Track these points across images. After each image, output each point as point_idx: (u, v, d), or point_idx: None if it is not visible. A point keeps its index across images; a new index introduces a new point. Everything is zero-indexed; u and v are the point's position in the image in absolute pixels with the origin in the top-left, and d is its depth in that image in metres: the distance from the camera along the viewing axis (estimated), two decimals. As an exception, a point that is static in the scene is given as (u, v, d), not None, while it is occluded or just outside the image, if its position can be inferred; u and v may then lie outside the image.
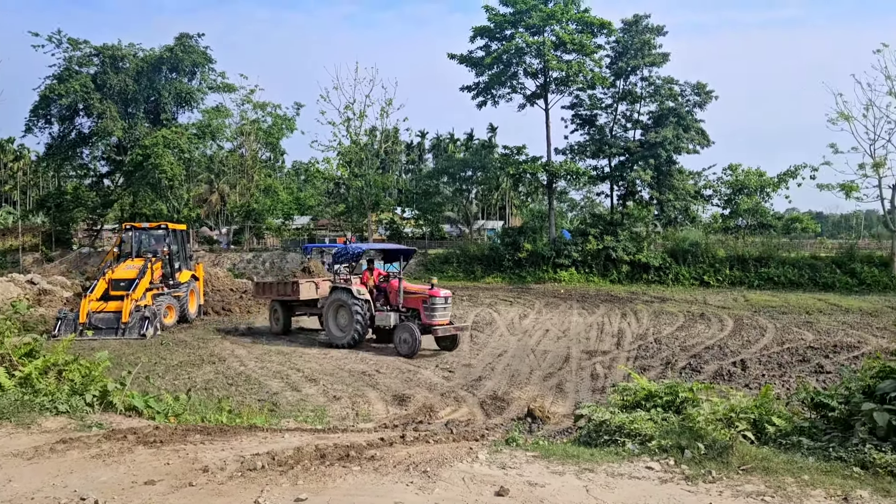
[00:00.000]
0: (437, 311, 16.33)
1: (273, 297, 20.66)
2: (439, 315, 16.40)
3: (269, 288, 21.18)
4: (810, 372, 14.69)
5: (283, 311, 20.38)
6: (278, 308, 20.43)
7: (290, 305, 20.35)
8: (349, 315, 17.32)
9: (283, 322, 20.38)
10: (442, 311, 16.46)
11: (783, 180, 43.01)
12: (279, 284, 20.79)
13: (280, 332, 20.23)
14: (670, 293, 33.31)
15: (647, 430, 6.01)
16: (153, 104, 43.77)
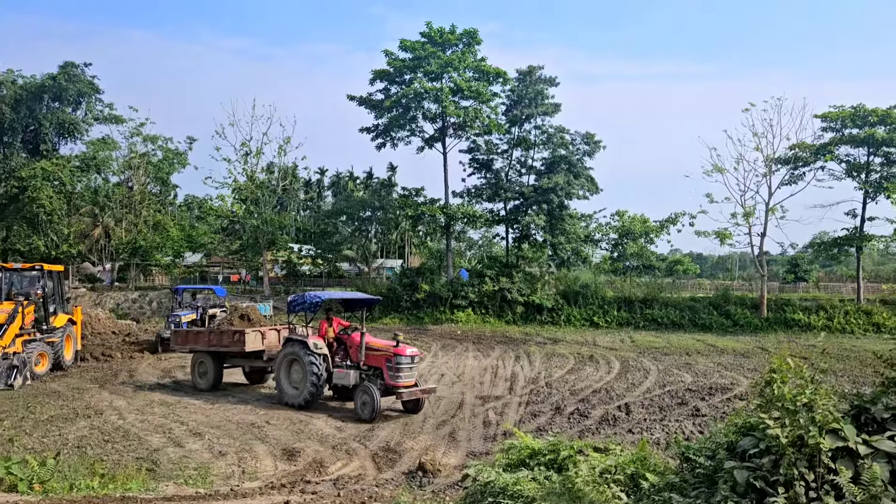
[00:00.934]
0: (403, 371, 14.85)
1: (200, 348, 18.35)
2: (405, 376, 14.90)
3: (196, 337, 18.83)
4: (688, 415, 15.52)
5: (214, 364, 18.09)
6: (207, 360, 18.20)
7: (221, 357, 18.20)
8: (303, 371, 15.58)
9: (214, 376, 18.08)
10: (408, 371, 15.00)
11: (665, 226, 45.75)
12: (213, 333, 18.52)
13: (208, 388, 17.96)
14: (562, 334, 34.37)
15: (529, 492, 6.17)
16: (32, 133, 41.32)
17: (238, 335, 17.46)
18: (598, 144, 42.43)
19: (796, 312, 36.47)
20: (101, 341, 26.00)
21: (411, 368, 15.13)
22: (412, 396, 15.09)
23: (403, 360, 14.90)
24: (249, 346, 17.28)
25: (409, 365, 15.02)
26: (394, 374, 14.77)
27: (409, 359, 15.05)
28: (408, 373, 14.99)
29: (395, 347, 15.03)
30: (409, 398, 15.07)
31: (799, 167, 37.55)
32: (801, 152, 36.75)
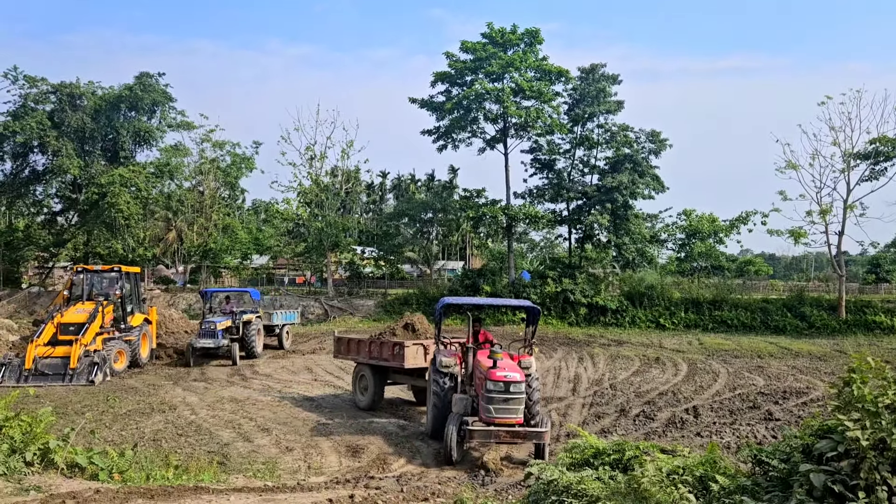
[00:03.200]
0: (495, 402, 10.91)
1: (361, 360, 16.14)
2: (498, 409, 10.92)
3: (358, 347, 16.45)
4: (760, 419, 14.99)
5: (374, 380, 15.65)
6: (367, 374, 15.83)
7: (383, 372, 15.75)
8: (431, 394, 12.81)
9: (374, 393, 15.67)
10: (503, 404, 10.93)
11: (735, 226, 44.33)
12: (374, 344, 15.88)
13: (366, 406, 15.72)
14: (627, 336, 33.75)
15: (593, 491, 6.07)
16: (111, 142, 43.23)
17: (397, 348, 14.97)
18: (664, 143, 41.46)
19: (878, 314, 34.74)
20: (175, 340, 26.93)
21: (511, 400, 10.96)
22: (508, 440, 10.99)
23: (495, 386, 10.94)
24: (409, 361, 14.63)
25: (503, 395, 10.93)
26: (486, 406, 10.95)
27: (504, 385, 10.91)
28: (504, 406, 10.94)
29: (491, 369, 11.15)
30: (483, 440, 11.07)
31: (880, 162, 35.72)
32: (883, 146, 34.96)
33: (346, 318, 40.16)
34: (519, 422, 11.13)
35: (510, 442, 11.22)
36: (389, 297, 43.33)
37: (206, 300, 25.84)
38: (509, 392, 11.03)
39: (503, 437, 10.95)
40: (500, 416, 11.04)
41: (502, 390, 11.03)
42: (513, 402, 11.12)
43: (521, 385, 11.15)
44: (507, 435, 10.92)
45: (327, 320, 39.50)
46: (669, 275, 45.27)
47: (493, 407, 11.04)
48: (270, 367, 22.27)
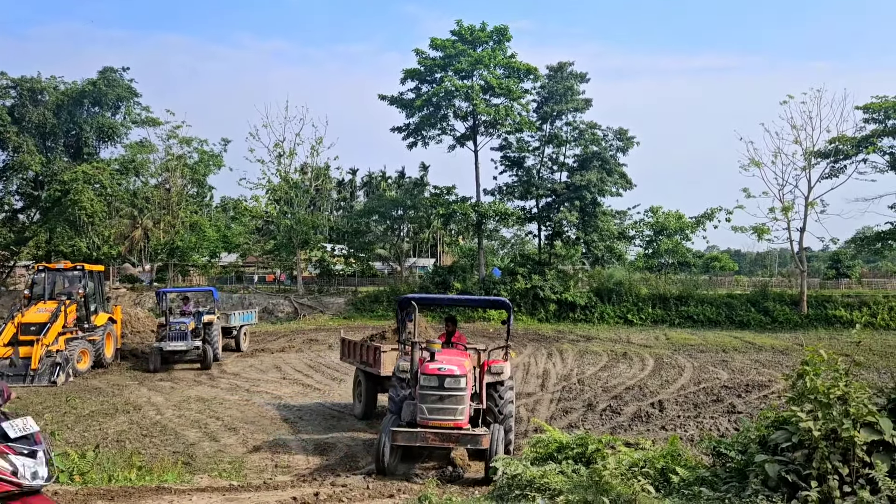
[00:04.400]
0: (428, 401, 9.55)
1: (357, 365, 14.88)
2: (432, 411, 9.53)
3: (353, 350, 15.26)
4: (723, 412, 15.26)
5: (367, 387, 14.27)
6: (362, 380, 14.48)
7: (375, 380, 14.10)
8: None
9: (366, 401, 14.29)
10: (437, 403, 9.53)
11: (700, 222, 45.04)
12: (363, 347, 14.73)
13: (361, 415, 14.31)
14: (596, 332, 34.11)
15: (556, 485, 6.16)
16: (74, 138, 42.43)
17: (375, 352, 13.69)
18: (632, 140, 41.98)
19: (838, 309, 35.63)
20: (141, 339, 26.55)
21: (444, 398, 9.52)
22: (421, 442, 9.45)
23: (426, 381, 9.62)
24: (386, 368, 13.12)
25: (437, 391, 9.53)
26: (418, 406, 9.66)
27: (438, 380, 9.52)
28: (437, 405, 9.53)
29: (426, 362, 9.82)
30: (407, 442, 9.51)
31: (840, 160, 36.60)
32: (842, 145, 35.82)
33: (317, 315, 39.95)
34: (459, 425, 9.47)
35: (440, 447, 9.66)
36: (360, 295, 43.19)
37: (160, 300, 24.57)
38: (444, 388, 9.51)
39: (431, 441, 9.38)
40: (434, 418, 9.49)
41: (435, 386, 9.53)
42: (449, 401, 9.54)
43: (459, 380, 9.54)
44: (436, 438, 9.34)
45: (297, 318, 39.25)
46: (637, 271, 45.83)
47: (426, 406, 9.54)
48: (238, 366, 22.08)
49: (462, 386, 9.65)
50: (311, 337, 30.66)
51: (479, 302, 15.52)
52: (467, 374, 9.82)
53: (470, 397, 9.99)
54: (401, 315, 12.29)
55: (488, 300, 14.93)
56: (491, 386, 10.83)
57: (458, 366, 9.77)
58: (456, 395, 9.60)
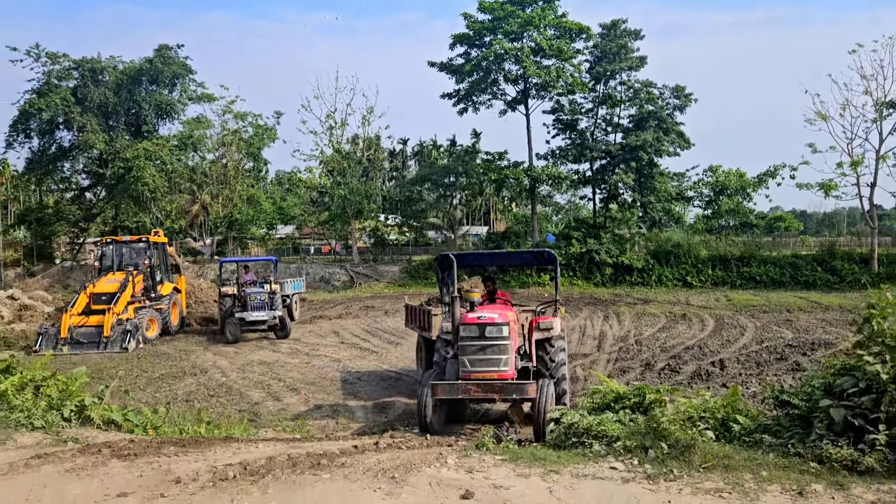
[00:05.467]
0: (470, 353, 9.17)
1: (416, 330, 14.55)
2: (475, 363, 9.11)
3: (413, 315, 14.79)
4: (787, 370, 14.87)
5: (426, 352, 13.62)
6: (422, 345, 14.12)
7: (430, 343, 13.22)
8: None
9: (426, 366, 13.27)
10: (479, 354, 9.11)
11: (763, 180, 43.46)
12: (417, 311, 14.36)
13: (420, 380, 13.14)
14: (653, 294, 33.57)
15: (613, 432, 6.14)
16: (134, 116, 43.59)
17: (427, 316, 13.29)
18: (689, 98, 40.64)
19: (911, 266, 34.11)
20: (205, 309, 27.47)
21: (486, 349, 9.09)
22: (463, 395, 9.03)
23: (467, 331, 9.23)
24: (436, 332, 12.17)
25: (478, 341, 9.13)
26: (460, 360, 9.31)
27: (479, 329, 9.10)
28: (479, 356, 9.10)
29: (466, 313, 9.65)
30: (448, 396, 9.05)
31: (914, 110, 34.70)
32: (917, 94, 33.91)
33: (372, 283, 40.49)
34: (504, 376, 8.96)
35: (483, 398, 9.15)
36: (414, 263, 43.52)
37: (222, 270, 24.93)
38: (485, 337, 9.05)
39: (473, 392, 8.90)
40: (477, 370, 8.99)
41: (476, 335, 9.07)
42: (491, 351, 9.04)
43: (502, 328, 9.02)
44: (478, 389, 8.84)
45: (353, 287, 39.86)
46: (697, 234, 44.69)
47: (467, 358, 9.12)
48: (298, 332, 22.59)
49: (505, 335, 9.05)
50: (368, 304, 31.11)
51: (521, 256, 13.97)
52: (510, 323, 9.24)
53: (517, 351, 9.50)
54: (441, 275, 11.81)
55: (531, 252, 14.03)
56: (540, 343, 10.33)
57: (500, 314, 9.35)
58: (499, 345, 9.03)
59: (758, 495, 4.77)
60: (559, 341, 10.49)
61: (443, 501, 4.80)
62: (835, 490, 4.82)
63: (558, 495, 4.90)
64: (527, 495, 4.93)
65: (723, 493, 4.83)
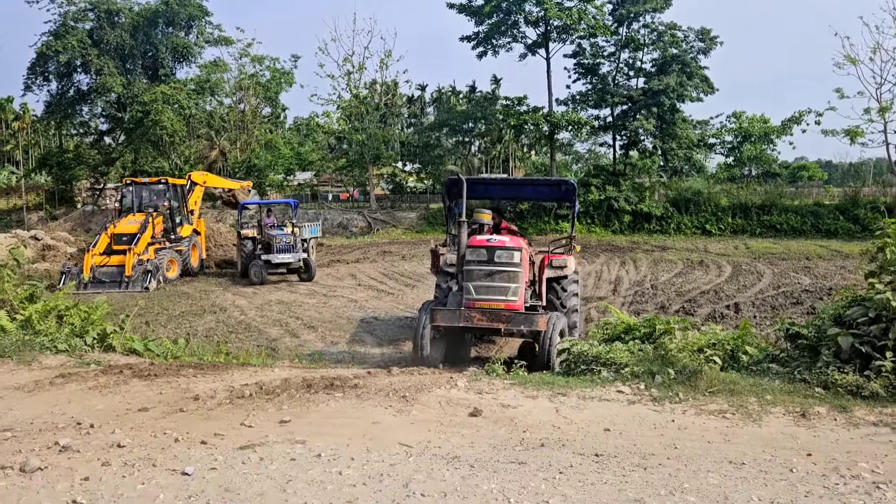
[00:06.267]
0: (476, 279, 8.46)
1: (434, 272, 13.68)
2: (480, 290, 8.41)
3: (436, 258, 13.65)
4: (803, 313, 14.83)
5: None
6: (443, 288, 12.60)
7: None
8: None
9: None
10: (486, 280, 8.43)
11: (787, 127, 42.57)
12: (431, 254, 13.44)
13: None
14: (671, 242, 33.42)
15: (621, 360, 6.22)
16: (151, 60, 43.40)
17: (436, 257, 12.56)
18: (715, 41, 39.58)
19: (935, 216, 33.51)
20: (223, 252, 27.79)
21: (493, 275, 8.36)
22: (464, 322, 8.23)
23: (474, 255, 8.53)
24: None
25: (485, 266, 8.40)
26: (464, 287, 8.63)
27: (487, 253, 8.42)
28: (485, 282, 8.40)
29: (474, 235, 9.07)
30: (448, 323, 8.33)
31: (947, 54, 33.61)
32: (950, 37, 32.76)
33: (390, 229, 40.65)
34: (512, 307, 8.19)
35: (487, 327, 8.19)
36: (431, 210, 43.52)
37: (240, 213, 24.87)
38: (493, 262, 8.30)
39: (476, 321, 8.09)
40: (483, 298, 8.25)
41: (484, 260, 8.33)
42: (500, 278, 8.30)
43: (513, 254, 8.32)
44: (483, 318, 8.05)
45: (370, 232, 40.06)
46: (718, 183, 44.09)
47: (473, 285, 8.36)
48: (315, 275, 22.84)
49: (516, 261, 8.35)
50: (385, 249, 31.30)
51: (537, 187, 12.68)
52: (522, 249, 8.58)
53: (527, 284, 8.86)
54: (448, 203, 10.99)
55: (549, 182, 12.78)
56: (552, 283, 9.82)
57: (511, 239, 8.74)
58: (508, 272, 8.29)
59: (761, 416, 4.85)
60: (572, 280, 9.91)
61: (451, 418, 4.93)
62: (837, 412, 4.88)
63: (564, 414, 5.02)
64: (534, 414, 5.05)
65: (726, 415, 4.91)
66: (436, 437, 4.50)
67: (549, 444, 4.35)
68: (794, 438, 4.44)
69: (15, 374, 6.52)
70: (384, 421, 4.87)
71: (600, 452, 4.17)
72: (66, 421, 4.88)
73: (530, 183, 12.20)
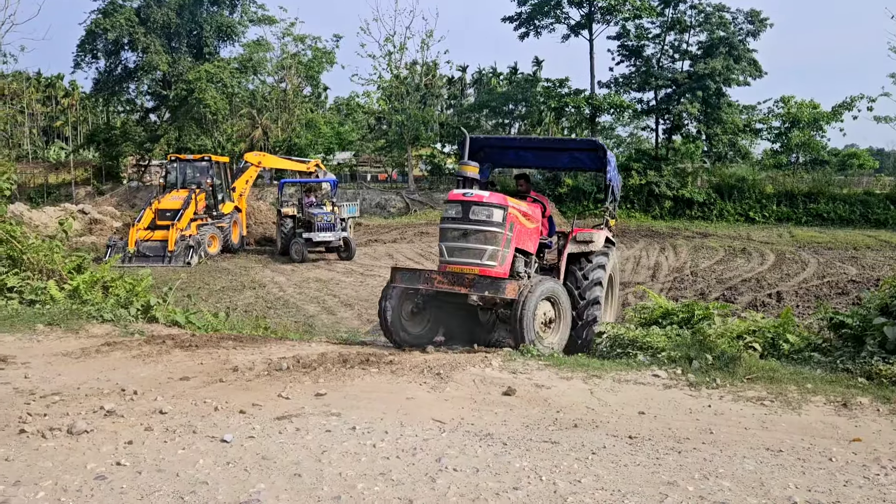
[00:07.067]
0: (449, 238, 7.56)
1: None
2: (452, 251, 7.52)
3: None
4: (848, 304, 14.47)
5: None
6: None
7: None
8: None
9: None
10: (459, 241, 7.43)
11: (838, 112, 41.23)
12: None
13: None
14: (713, 229, 32.85)
15: (658, 344, 6.16)
16: (195, 38, 43.93)
17: None
18: (764, 23, 38.43)
19: None
20: (263, 230, 28.22)
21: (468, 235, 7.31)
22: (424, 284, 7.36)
23: (449, 210, 7.50)
24: None
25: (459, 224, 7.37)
26: (439, 247, 7.83)
27: (461, 208, 7.33)
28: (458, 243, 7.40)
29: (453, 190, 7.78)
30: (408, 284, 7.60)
31: None
32: None
33: (427, 210, 40.70)
34: (487, 272, 7.10)
35: (448, 290, 7.14)
36: (470, 192, 43.40)
37: (281, 191, 25.23)
38: (468, 220, 7.19)
39: (437, 283, 7.11)
40: (454, 260, 7.31)
41: (458, 217, 7.27)
42: (475, 238, 7.19)
43: (492, 211, 7.16)
44: (443, 280, 7.07)
45: (408, 213, 40.19)
46: (764, 169, 43.01)
47: (446, 245, 7.41)
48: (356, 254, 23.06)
49: (496, 220, 7.14)
50: (422, 230, 31.39)
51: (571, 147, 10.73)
52: (507, 207, 7.28)
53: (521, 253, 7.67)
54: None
55: (576, 141, 11.24)
56: (574, 260, 8.41)
57: (497, 197, 7.36)
58: (484, 231, 7.12)
59: (800, 405, 4.76)
60: (596, 270, 8.38)
61: (485, 396, 4.95)
62: (881, 403, 4.76)
63: (598, 396, 5.00)
64: (567, 394, 5.04)
65: (765, 402, 4.83)
66: (469, 414, 4.53)
67: (583, 425, 4.35)
68: (834, 428, 4.35)
69: (63, 341, 6.74)
70: (418, 397, 4.92)
71: (634, 435, 4.14)
72: (110, 387, 5.03)
73: (564, 148, 10.40)
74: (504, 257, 7.33)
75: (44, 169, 48.91)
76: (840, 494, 3.33)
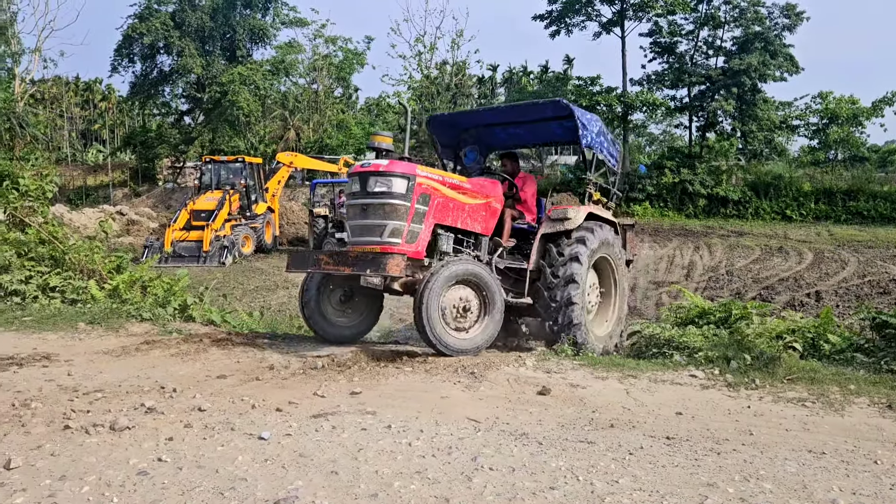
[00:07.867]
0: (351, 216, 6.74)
1: None
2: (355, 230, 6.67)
3: None
4: (890, 304, 14.14)
5: None
6: None
7: None
8: None
9: None
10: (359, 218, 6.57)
11: (878, 108, 40.22)
12: None
13: None
14: (749, 227, 32.29)
15: (695, 344, 6.08)
16: (229, 41, 44.60)
17: None
18: (801, 17, 37.63)
19: None
20: (296, 230, 28.53)
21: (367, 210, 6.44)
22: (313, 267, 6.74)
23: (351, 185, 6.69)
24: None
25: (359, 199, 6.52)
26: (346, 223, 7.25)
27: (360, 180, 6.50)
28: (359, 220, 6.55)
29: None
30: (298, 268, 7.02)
31: None
32: None
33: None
34: (389, 250, 6.15)
35: (333, 272, 6.38)
36: (500, 191, 43.27)
37: (312, 191, 25.62)
38: (366, 192, 6.30)
39: (324, 264, 6.35)
40: (357, 240, 6.49)
41: (357, 191, 6.41)
42: (374, 213, 6.29)
43: (392, 181, 6.24)
44: (330, 261, 6.31)
45: (439, 213, 40.19)
46: (801, 167, 42.13)
47: (349, 224, 6.68)
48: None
49: (397, 191, 6.23)
50: (453, 229, 31.30)
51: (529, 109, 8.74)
52: (413, 177, 6.36)
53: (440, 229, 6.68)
54: (440, 150, 9.26)
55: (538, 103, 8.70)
56: (550, 240, 7.34)
57: (400, 165, 6.40)
58: (383, 204, 6.22)
59: (843, 406, 4.65)
60: (572, 264, 7.03)
61: (519, 395, 4.94)
62: (928, 405, 4.64)
63: (634, 396, 4.95)
64: (603, 394, 5.00)
65: (806, 403, 4.73)
66: (504, 413, 4.52)
67: (619, 425, 4.31)
68: (879, 430, 4.24)
69: (104, 339, 6.89)
70: (452, 396, 4.92)
71: (672, 435, 4.09)
72: (150, 385, 5.12)
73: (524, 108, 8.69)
74: (414, 234, 6.33)
75: (82, 171, 50.00)
76: (886, 498, 3.25)
